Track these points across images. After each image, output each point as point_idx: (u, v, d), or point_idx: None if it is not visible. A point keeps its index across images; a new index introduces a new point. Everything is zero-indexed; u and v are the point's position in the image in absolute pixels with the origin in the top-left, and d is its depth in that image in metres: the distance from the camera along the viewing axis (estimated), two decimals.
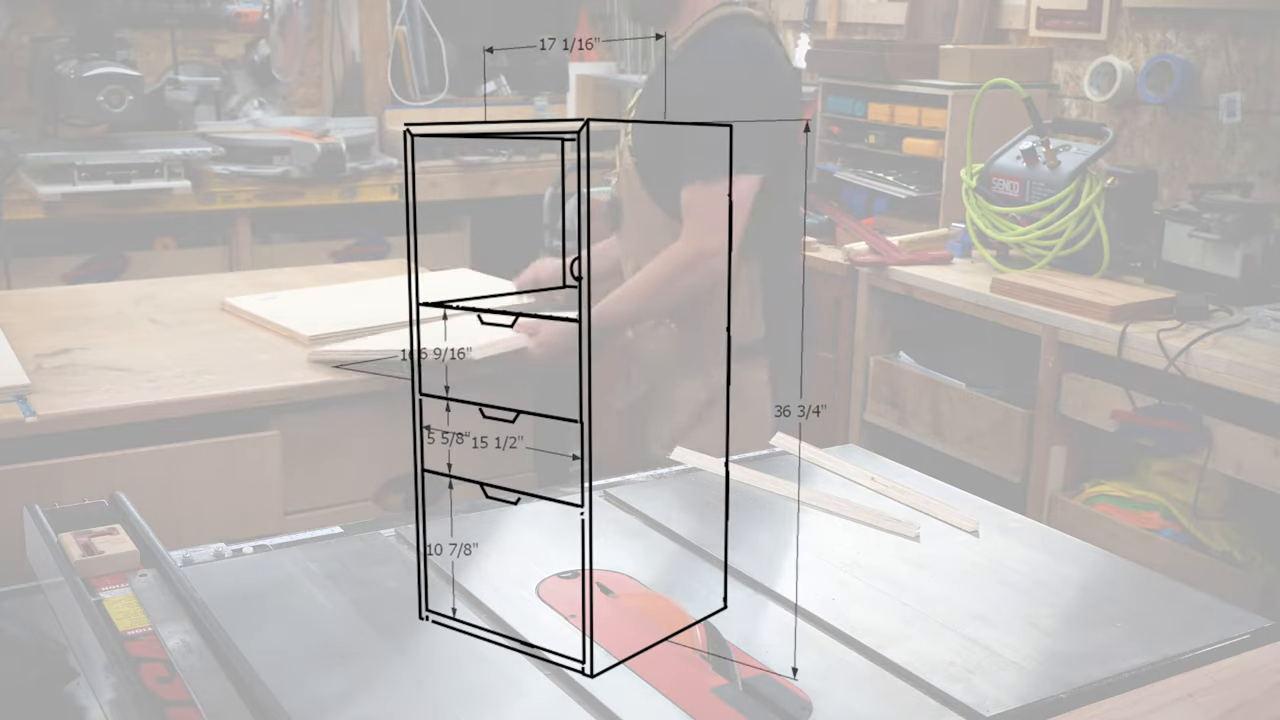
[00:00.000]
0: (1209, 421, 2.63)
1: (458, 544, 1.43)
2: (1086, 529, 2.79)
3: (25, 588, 1.52)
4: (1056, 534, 1.76)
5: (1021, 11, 3.88)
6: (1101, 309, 2.86)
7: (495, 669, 1.32)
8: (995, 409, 3.10)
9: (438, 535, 1.34)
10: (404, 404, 1.15)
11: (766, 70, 2.41)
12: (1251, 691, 1.32)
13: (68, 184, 3.71)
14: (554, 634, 1.41)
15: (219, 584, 1.50)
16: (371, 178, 4.24)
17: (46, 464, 2.16)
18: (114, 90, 3.75)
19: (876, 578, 1.58)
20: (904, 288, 3.35)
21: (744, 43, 2.41)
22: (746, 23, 2.45)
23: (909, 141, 3.80)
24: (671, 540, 1.67)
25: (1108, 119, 3.61)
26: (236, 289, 3.07)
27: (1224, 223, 2.89)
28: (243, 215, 4.07)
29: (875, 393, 3.44)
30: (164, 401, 2.27)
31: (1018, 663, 1.38)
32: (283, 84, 4.52)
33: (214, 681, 1.23)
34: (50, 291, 3.16)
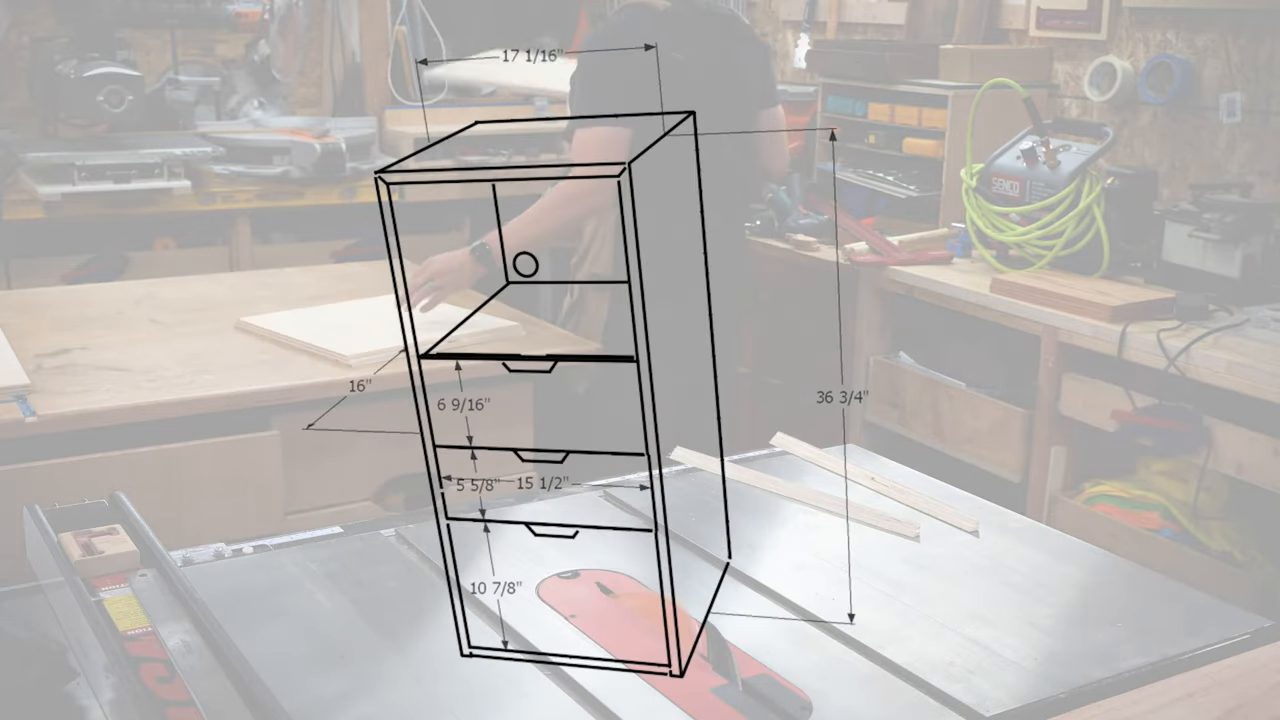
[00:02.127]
0: (1209, 421, 2.63)
1: (501, 582, 1.42)
2: (1086, 529, 2.79)
3: (25, 588, 1.52)
4: (1056, 534, 1.76)
5: (1021, 11, 3.88)
6: (1101, 309, 2.86)
7: (495, 669, 1.32)
8: (995, 409, 3.10)
9: (475, 574, 1.34)
10: (404, 404, 1.12)
11: (624, 52, 2.83)
12: (1251, 691, 1.32)
13: (68, 184, 3.71)
14: (555, 634, 1.41)
15: (219, 584, 1.50)
16: (371, 178, 4.23)
17: (46, 464, 2.16)
18: (114, 90, 3.74)
19: (876, 578, 1.58)
20: (904, 288, 3.35)
21: (615, 25, 2.97)
22: (632, 9, 2.93)
23: (909, 141, 3.80)
24: (672, 540, 1.67)
25: (1108, 119, 3.61)
26: (237, 289, 3.07)
27: (1224, 223, 2.89)
28: (243, 215, 4.06)
29: (875, 393, 3.44)
30: (164, 401, 2.27)
31: (1018, 663, 1.38)
32: (283, 84, 4.51)
33: (214, 681, 1.23)
34: (50, 291, 3.16)
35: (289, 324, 2.70)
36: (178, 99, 4.25)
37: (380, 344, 2.51)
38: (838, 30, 4.49)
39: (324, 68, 4.79)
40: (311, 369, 2.45)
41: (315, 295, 3.00)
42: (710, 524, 1.68)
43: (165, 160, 3.81)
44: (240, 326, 2.73)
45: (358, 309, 2.88)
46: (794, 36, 4.65)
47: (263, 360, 2.49)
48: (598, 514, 1.77)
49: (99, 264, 3.88)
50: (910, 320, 3.46)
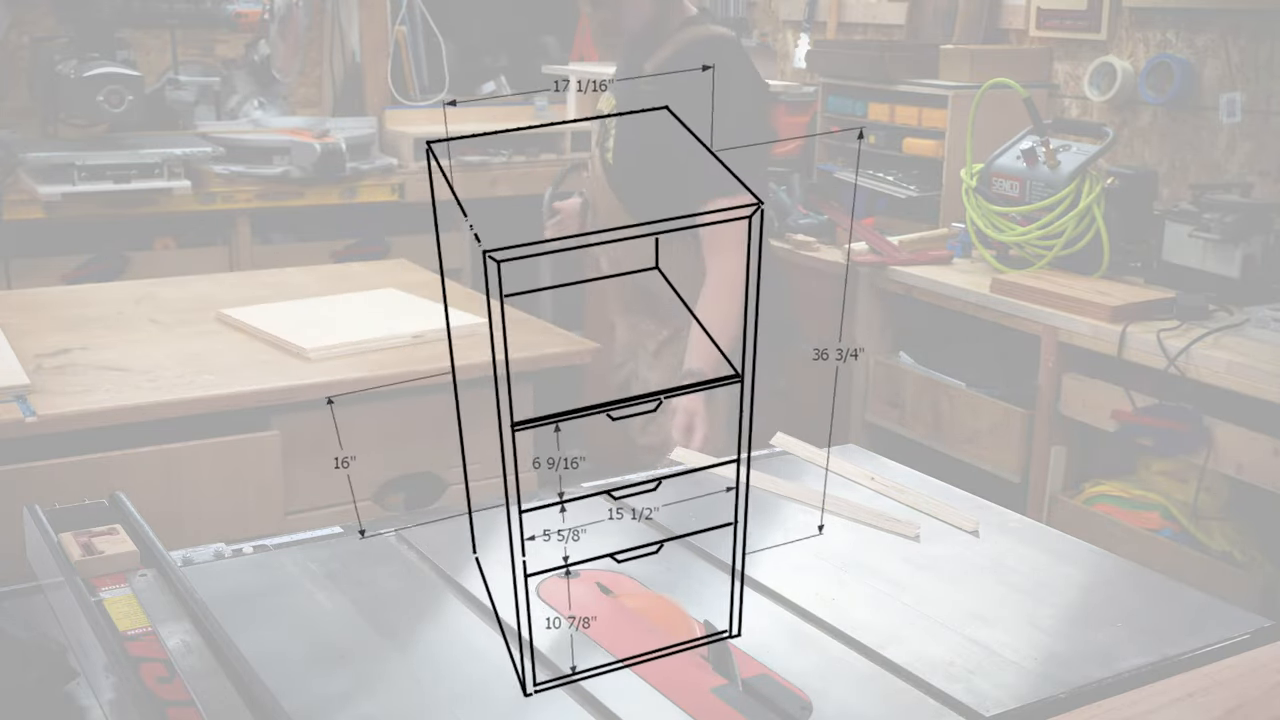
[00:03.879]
0: (1209, 421, 2.63)
1: (576, 616, 1.42)
2: (1086, 529, 2.79)
3: (25, 588, 1.52)
4: (1056, 534, 1.76)
5: (1021, 11, 3.88)
6: (1101, 309, 2.86)
7: (495, 669, 1.32)
8: (995, 409, 3.10)
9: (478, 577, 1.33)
10: (404, 404, 1.12)
11: (762, 95, 2.67)
12: (1251, 691, 1.32)
13: (68, 184, 3.71)
14: (556, 634, 1.40)
15: (219, 584, 1.50)
16: (371, 178, 4.24)
17: (46, 464, 2.16)
18: (114, 90, 3.74)
19: (876, 578, 1.58)
20: (904, 288, 3.35)
21: (742, 70, 2.63)
22: (731, 46, 2.67)
23: (909, 141, 3.80)
24: (673, 542, 1.67)
25: (1108, 119, 3.61)
26: (237, 289, 3.07)
27: (1224, 223, 2.89)
28: (243, 215, 4.07)
29: (875, 393, 3.44)
30: (164, 401, 2.27)
31: (1018, 663, 1.38)
32: (283, 84, 4.51)
33: (214, 681, 1.23)
34: (50, 291, 3.16)
35: (262, 317, 2.73)
36: (178, 99, 4.25)
37: (343, 338, 2.55)
38: (838, 30, 4.49)
39: (324, 68, 4.79)
40: (312, 369, 2.45)
41: (315, 295, 3.00)
42: (710, 523, 1.68)
43: (165, 160, 3.81)
44: (220, 319, 2.77)
45: (341, 303, 2.90)
46: (794, 36, 4.65)
47: (263, 360, 2.49)
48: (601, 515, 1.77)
49: (99, 264, 3.88)
50: (910, 320, 3.46)
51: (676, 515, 1.44)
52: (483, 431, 1.20)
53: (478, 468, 1.29)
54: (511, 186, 4.46)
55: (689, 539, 1.66)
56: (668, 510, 1.57)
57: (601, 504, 1.21)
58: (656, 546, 1.13)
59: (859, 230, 3.59)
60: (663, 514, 1.67)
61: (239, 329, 2.69)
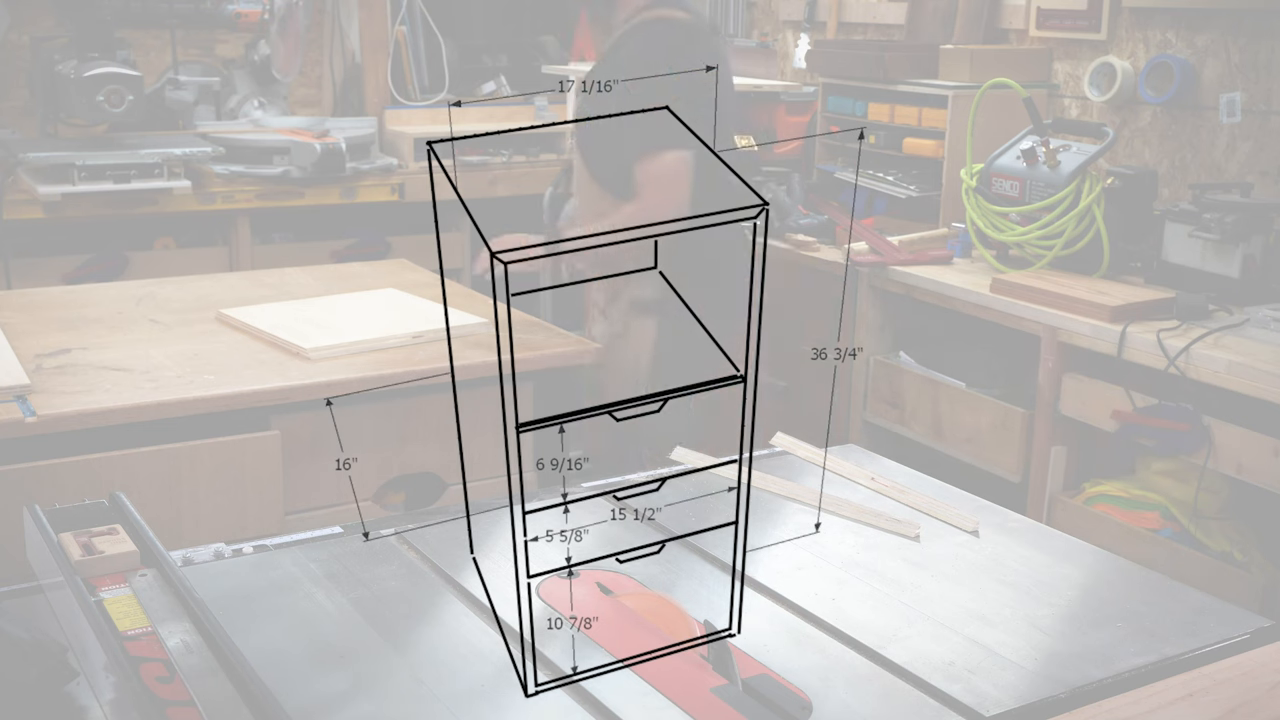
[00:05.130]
0: (1209, 421, 2.63)
1: (578, 617, 1.42)
2: (1086, 529, 2.79)
3: (25, 588, 1.52)
4: (1056, 534, 1.76)
5: (1021, 11, 3.88)
6: (1101, 309, 2.86)
7: (495, 669, 1.32)
8: (995, 409, 3.10)
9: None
10: (404, 404, 1.13)
11: (677, 69, 2.77)
12: (1251, 691, 1.32)
13: (68, 184, 3.71)
14: (556, 634, 1.40)
15: (219, 584, 1.50)
16: (371, 178, 4.24)
17: (46, 464, 2.16)
18: (114, 90, 3.74)
19: (876, 578, 1.58)
20: (904, 288, 3.35)
21: (662, 46, 2.77)
22: (679, 29, 2.79)
23: (909, 141, 3.80)
24: (672, 542, 1.67)
25: (1108, 119, 3.61)
26: (237, 289, 3.07)
27: (1224, 223, 2.89)
28: (243, 215, 4.07)
29: (875, 393, 3.44)
30: (164, 401, 2.27)
31: (1018, 663, 1.38)
32: (283, 84, 4.51)
33: (214, 681, 1.23)
34: (50, 291, 3.16)
35: (262, 316, 2.73)
36: (178, 99, 4.25)
37: (343, 338, 2.55)
38: (838, 30, 4.49)
39: (324, 68, 4.79)
40: (312, 369, 2.45)
41: (315, 295, 3.00)
42: (709, 523, 1.68)
43: (165, 160, 3.81)
44: (220, 318, 2.76)
45: (341, 303, 2.90)
46: (794, 36, 4.65)
47: (263, 360, 2.49)
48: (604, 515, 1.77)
49: (99, 264, 3.88)
50: (910, 320, 3.46)
51: (677, 515, 1.45)
52: (483, 432, 1.20)
53: (478, 468, 1.29)
54: (511, 186, 4.46)
55: (689, 539, 1.66)
56: (668, 510, 1.57)
57: (603, 504, 1.21)
58: (658, 547, 1.13)
59: (859, 230, 3.59)
60: (663, 514, 1.67)
61: (239, 329, 2.69)
